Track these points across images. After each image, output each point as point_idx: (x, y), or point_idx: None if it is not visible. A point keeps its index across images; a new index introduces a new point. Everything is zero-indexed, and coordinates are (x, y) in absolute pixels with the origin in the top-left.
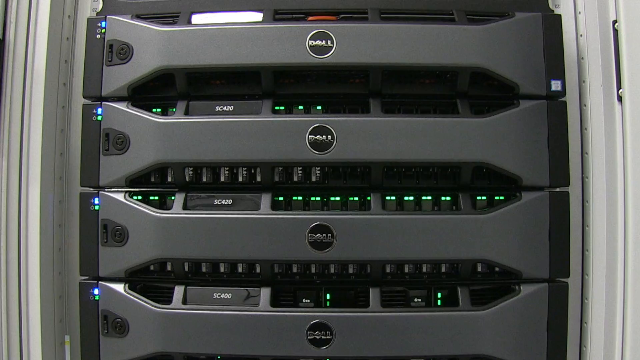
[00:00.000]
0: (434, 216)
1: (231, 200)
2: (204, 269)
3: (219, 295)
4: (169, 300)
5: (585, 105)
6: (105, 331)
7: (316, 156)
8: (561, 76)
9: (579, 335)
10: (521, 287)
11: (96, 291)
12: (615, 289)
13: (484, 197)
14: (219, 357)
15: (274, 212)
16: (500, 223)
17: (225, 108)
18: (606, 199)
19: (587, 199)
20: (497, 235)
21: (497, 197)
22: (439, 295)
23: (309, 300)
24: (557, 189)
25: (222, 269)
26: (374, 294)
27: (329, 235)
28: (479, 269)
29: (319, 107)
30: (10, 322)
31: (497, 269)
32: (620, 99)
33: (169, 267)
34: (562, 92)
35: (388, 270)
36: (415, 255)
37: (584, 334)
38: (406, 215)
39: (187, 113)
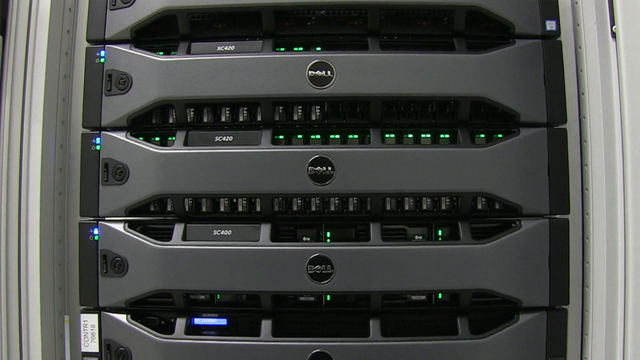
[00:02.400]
0: (433, 149)
1: (232, 137)
2: (204, 208)
3: (218, 232)
4: (168, 239)
5: (580, 47)
6: (104, 271)
7: (315, 90)
8: (555, 16)
9: (581, 276)
10: (522, 223)
11: (96, 231)
12: (616, 226)
13: (482, 135)
14: (218, 296)
15: (275, 146)
16: (499, 157)
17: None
18: (604, 138)
19: (585, 139)
20: (496, 168)
21: (495, 135)
22: (440, 232)
23: (309, 239)
24: (555, 127)
25: (222, 208)
26: (374, 229)
27: (329, 168)
28: (479, 206)
29: (318, 48)
30: (9, 265)
31: (497, 206)
32: (614, 35)
33: (169, 208)
34: (557, 32)
35: (388, 207)
36: (415, 187)
37: (585, 274)
38: (406, 148)
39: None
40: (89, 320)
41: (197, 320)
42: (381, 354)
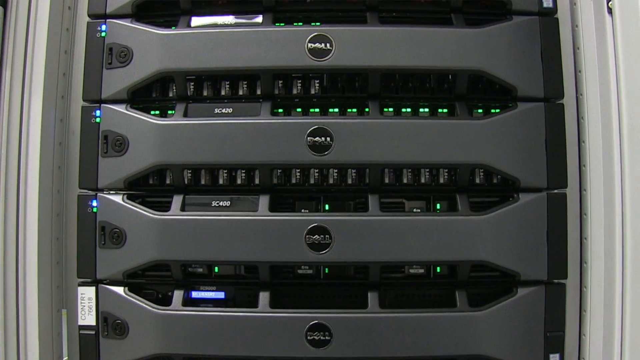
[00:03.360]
0: (431, 121)
1: (231, 110)
2: (203, 181)
3: (217, 203)
4: (167, 211)
5: (577, 25)
6: (103, 242)
7: (315, 63)
8: None
9: (579, 252)
10: (520, 196)
11: (94, 203)
12: (614, 202)
13: (480, 110)
14: (216, 269)
15: (274, 117)
16: (497, 130)
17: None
18: (601, 115)
19: (582, 116)
20: (494, 141)
21: (493, 110)
22: (438, 206)
23: (307, 211)
24: (553, 102)
25: (221, 181)
26: (372, 200)
27: (328, 138)
28: (477, 180)
29: (317, 24)
30: (8, 239)
31: (495, 180)
32: (610, 11)
33: (168, 181)
34: (554, 9)
35: (387, 180)
36: (413, 158)
37: (584, 250)
38: (404, 119)
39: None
40: (87, 293)
41: (194, 294)
42: (379, 326)
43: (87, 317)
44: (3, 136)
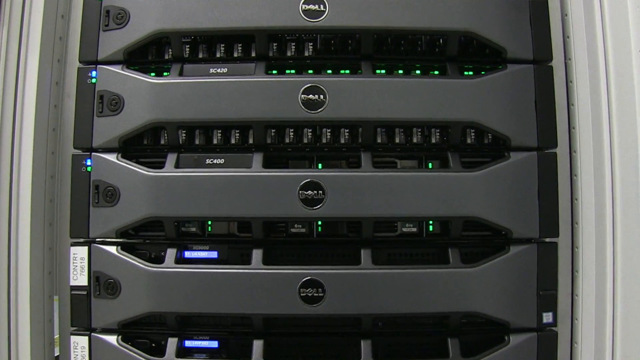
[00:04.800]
0: (422, 79)
1: (226, 69)
2: (197, 141)
3: (211, 161)
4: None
5: (566, 15)
6: (96, 201)
7: (309, 23)
8: None
9: (570, 213)
10: (510, 154)
11: (88, 162)
12: (603, 163)
13: (471, 72)
14: (209, 228)
15: (268, 76)
16: (488, 89)
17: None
18: (589, 79)
19: (570, 80)
20: (485, 100)
21: (483, 72)
22: (430, 165)
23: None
24: (542, 64)
25: (215, 141)
26: (365, 157)
27: (321, 96)
28: (469, 140)
29: None
30: (1, 199)
31: (486, 141)
32: None
33: (162, 141)
34: None
35: (379, 140)
36: (405, 115)
37: (575, 210)
38: (396, 78)
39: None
40: (79, 253)
41: (187, 254)
42: (372, 283)
43: (79, 277)
44: None
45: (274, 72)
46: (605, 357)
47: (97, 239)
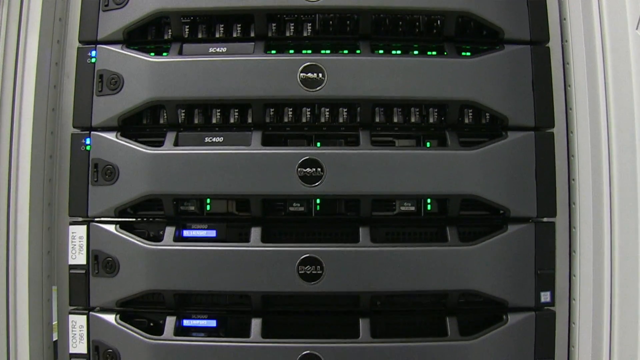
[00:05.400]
0: (420, 58)
1: (225, 49)
2: (196, 120)
3: (210, 139)
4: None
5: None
6: (95, 180)
7: (307, 3)
8: None
9: (567, 193)
10: (508, 134)
11: (88, 141)
12: (600, 141)
13: (468, 53)
14: (208, 207)
15: (266, 55)
16: (485, 69)
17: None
18: (586, 60)
19: (567, 61)
20: (483, 79)
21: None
22: (428, 145)
23: None
24: (539, 44)
25: (214, 120)
26: (363, 135)
27: (320, 74)
28: (467, 120)
29: None
30: (0, 177)
31: (483, 120)
32: None
33: (161, 121)
34: None
35: (377, 119)
36: (402, 93)
37: (572, 191)
38: (394, 57)
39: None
40: (77, 232)
41: (186, 232)
42: (370, 260)
43: (78, 256)
44: None
45: (273, 52)
46: (603, 337)
47: (95, 218)
